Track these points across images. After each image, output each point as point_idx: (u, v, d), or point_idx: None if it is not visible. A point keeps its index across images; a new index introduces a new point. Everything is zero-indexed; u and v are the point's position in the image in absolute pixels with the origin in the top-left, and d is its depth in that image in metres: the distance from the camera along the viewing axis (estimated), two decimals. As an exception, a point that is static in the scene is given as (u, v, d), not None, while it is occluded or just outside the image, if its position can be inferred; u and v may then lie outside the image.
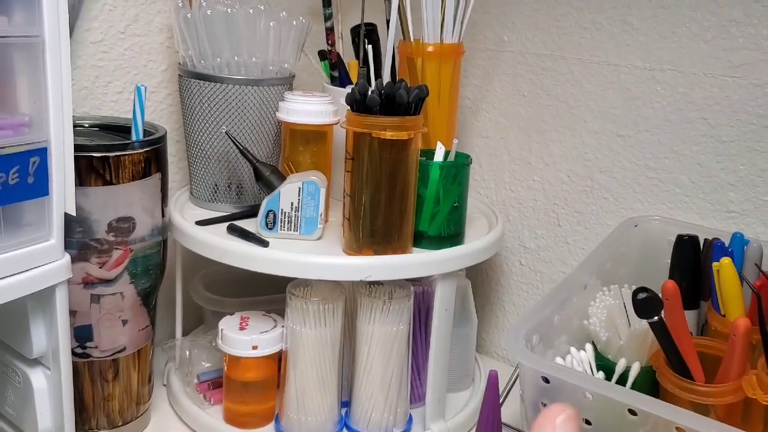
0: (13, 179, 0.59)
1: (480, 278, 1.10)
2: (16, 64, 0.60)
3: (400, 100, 0.75)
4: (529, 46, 1.00)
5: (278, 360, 0.85)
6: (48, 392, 0.68)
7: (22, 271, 0.61)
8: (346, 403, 0.87)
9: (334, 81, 0.96)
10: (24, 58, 0.60)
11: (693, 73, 0.87)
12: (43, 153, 0.61)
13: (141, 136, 0.79)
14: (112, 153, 0.73)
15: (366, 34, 0.93)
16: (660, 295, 0.70)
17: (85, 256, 0.75)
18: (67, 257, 0.65)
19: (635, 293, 0.69)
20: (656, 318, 0.69)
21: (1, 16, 0.58)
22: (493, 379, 0.66)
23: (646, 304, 0.68)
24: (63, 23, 0.60)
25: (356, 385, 0.84)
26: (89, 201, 0.73)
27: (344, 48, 0.98)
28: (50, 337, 0.66)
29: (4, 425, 0.72)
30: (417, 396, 0.90)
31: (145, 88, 0.79)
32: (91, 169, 0.73)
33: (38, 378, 0.68)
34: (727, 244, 0.80)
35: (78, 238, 0.74)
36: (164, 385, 0.94)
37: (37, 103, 0.61)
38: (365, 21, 0.92)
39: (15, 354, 0.69)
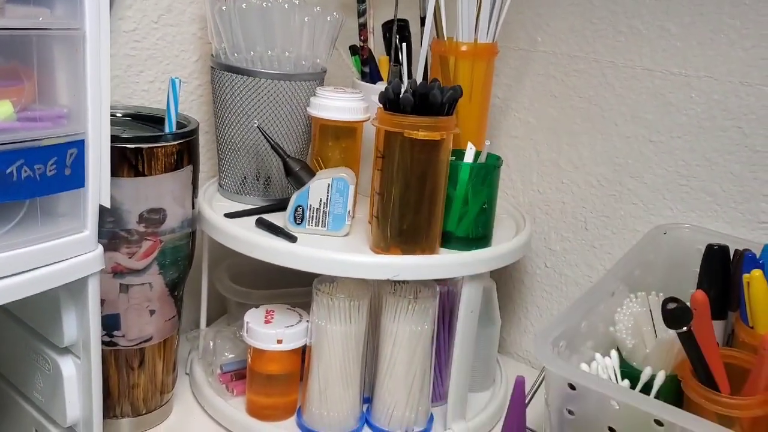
0: (50, 171, 0.59)
1: (504, 279, 1.10)
2: (56, 57, 0.60)
3: (433, 101, 0.75)
4: (563, 47, 0.99)
5: (302, 354, 0.85)
6: (77, 380, 0.68)
7: (57, 262, 0.62)
8: (368, 399, 0.87)
9: (364, 77, 0.96)
10: (64, 50, 0.60)
11: (729, 81, 0.86)
12: (80, 145, 0.61)
13: (174, 129, 0.79)
14: (145, 144, 0.74)
15: (397, 30, 0.93)
16: (689, 304, 0.69)
17: (115, 246, 0.76)
18: (100, 248, 0.65)
19: (665, 303, 0.68)
20: (685, 329, 0.68)
21: (43, 8, 0.59)
22: (519, 385, 0.66)
23: (676, 314, 0.68)
24: (104, 16, 0.60)
25: (379, 382, 0.84)
26: (121, 192, 0.74)
27: (375, 43, 0.98)
28: (81, 327, 0.67)
29: (33, 411, 0.73)
30: (438, 395, 0.90)
31: (180, 80, 0.79)
32: (123, 160, 0.73)
33: (68, 366, 0.68)
34: (758, 256, 0.79)
35: (109, 228, 0.74)
36: (187, 374, 0.95)
37: (75, 96, 0.61)
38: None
39: (46, 342, 0.69)
